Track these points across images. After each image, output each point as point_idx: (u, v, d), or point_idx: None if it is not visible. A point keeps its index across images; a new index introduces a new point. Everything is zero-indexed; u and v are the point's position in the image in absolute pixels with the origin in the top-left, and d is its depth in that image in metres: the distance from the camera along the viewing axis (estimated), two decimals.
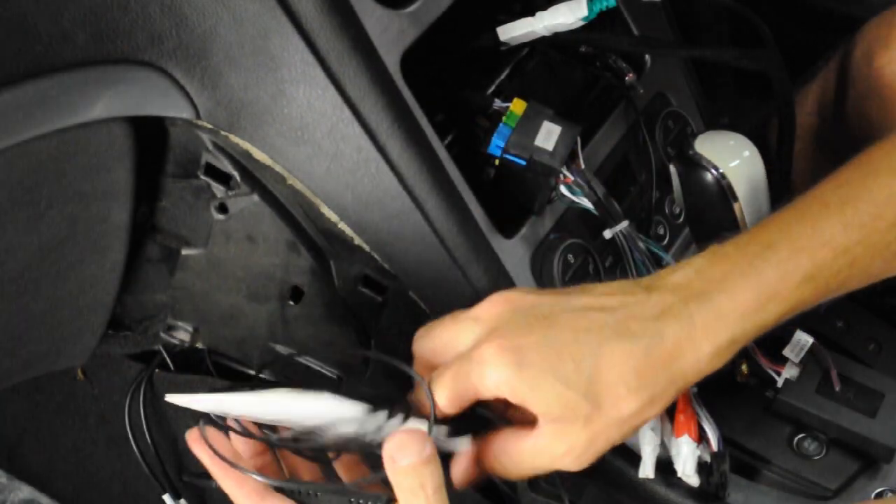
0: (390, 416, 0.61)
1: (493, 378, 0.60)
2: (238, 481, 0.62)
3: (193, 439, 0.63)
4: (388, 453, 0.57)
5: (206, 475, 0.64)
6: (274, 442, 0.63)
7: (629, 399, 0.60)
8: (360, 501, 0.61)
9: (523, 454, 0.62)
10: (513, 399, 0.60)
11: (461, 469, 0.65)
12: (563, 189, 0.78)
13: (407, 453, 0.57)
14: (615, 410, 0.60)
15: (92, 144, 0.74)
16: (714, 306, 0.62)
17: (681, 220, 0.93)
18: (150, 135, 0.78)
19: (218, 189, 0.82)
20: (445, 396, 0.62)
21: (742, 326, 0.62)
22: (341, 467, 0.66)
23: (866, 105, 0.93)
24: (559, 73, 0.89)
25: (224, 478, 0.62)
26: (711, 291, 0.62)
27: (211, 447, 0.62)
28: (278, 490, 0.62)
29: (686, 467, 0.78)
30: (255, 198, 0.80)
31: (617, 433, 0.61)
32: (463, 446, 0.64)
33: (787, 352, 0.84)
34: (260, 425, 0.64)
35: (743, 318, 0.62)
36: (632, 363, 0.60)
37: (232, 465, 0.61)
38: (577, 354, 0.60)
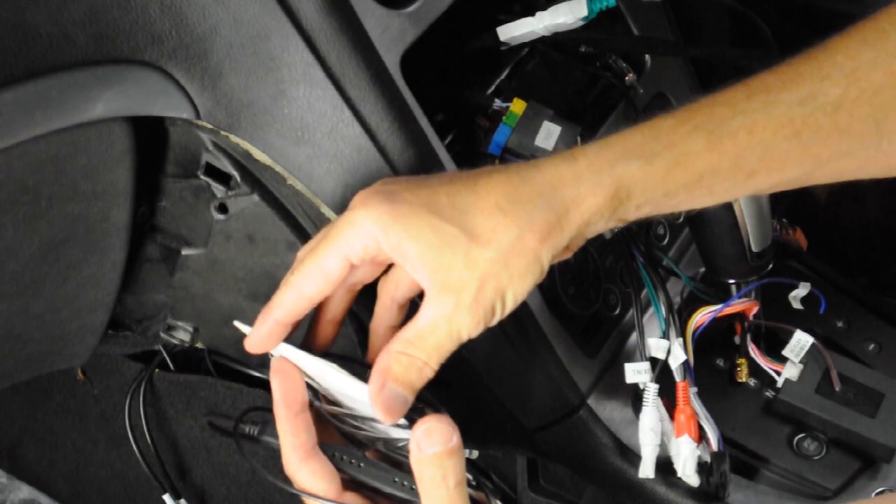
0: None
1: (364, 225, 0.58)
2: (295, 430, 0.61)
3: (278, 369, 0.63)
4: (415, 440, 0.57)
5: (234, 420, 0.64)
6: (348, 424, 0.64)
7: (506, 224, 0.57)
8: (404, 483, 0.61)
9: (421, 333, 0.59)
10: (388, 247, 0.58)
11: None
12: None
13: (433, 441, 0.56)
14: (494, 239, 0.57)
15: (92, 144, 0.73)
16: (597, 147, 0.59)
17: (681, 220, 0.93)
18: (150, 135, 0.78)
19: (218, 189, 0.81)
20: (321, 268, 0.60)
21: (628, 169, 0.58)
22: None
23: None
24: (559, 73, 0.89)
25: (284, 419, 0.61)
26: (598, 141, 0.60)
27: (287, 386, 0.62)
28: (329, 455, 0.62)
29: (686, 467, 0.78)
30: (255, 198, 0.80)
31: (504, 272, 0.57)
32: None
33: (787, 352, 0.84)
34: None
35: (626, 158, 0.58)
36: (507, 189, 0.58)
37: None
38: (451, 190, 0.58)
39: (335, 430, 0.65)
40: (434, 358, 0.59)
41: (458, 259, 0.57)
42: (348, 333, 0.90)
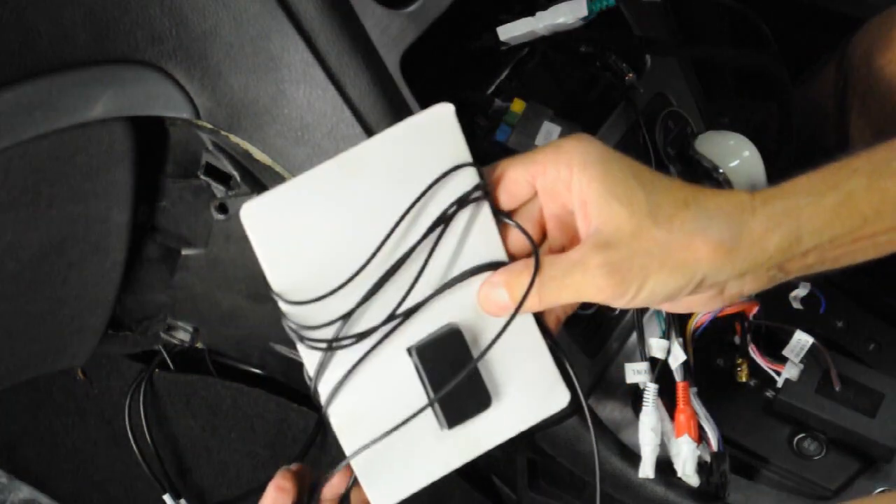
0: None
1: (569, 151, 0.57)
2: None
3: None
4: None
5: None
6: None
7: (685, 219, 0.56)
8: None
9: (554, 263, 0.57)
10: (578, 183, 0.56)
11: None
12: None
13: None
14: (669, 226, 0.55)
15: (92, 144, 0.74)
16: (767, 190, 0.59)
17: None
18: (150, 135, 0.78)
19: (218, 189, 0.81)
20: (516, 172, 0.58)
21: (799, 204, 0.57)
22: None
23: (866, 106, 0.94)
24: (559, 73, 0.89)
25: None
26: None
27: None
28: None
29: (686, 467, 0.78)
30: None
31: (659, 259, 0.55)
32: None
33: (787, 352, 0.84)
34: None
35: (796, 194, 0.58)
36: (697, 194, 0.57)
37: None
38: (653, 172, 0.58)
39: None
40: (549, 293, 0.57)
41: (630, 224, 0.55)
42: None
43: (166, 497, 1.17)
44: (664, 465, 0.80)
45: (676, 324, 0.80)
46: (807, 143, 1.01)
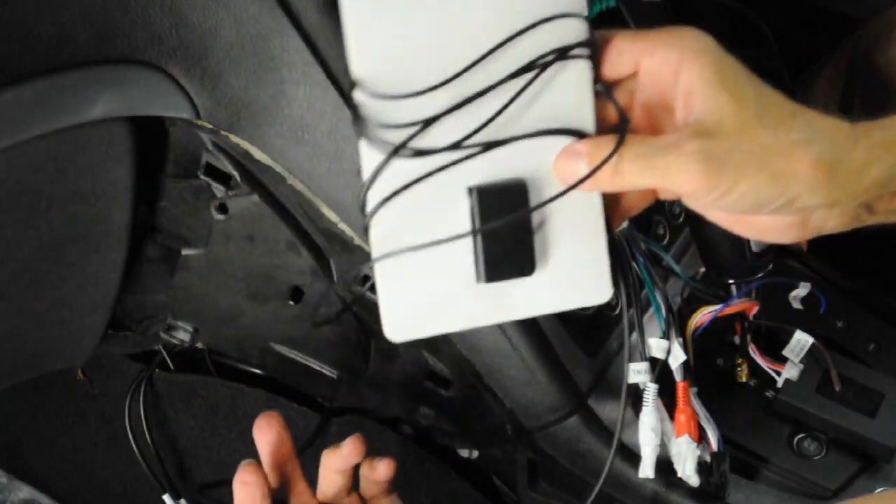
0: None
1: (686, 38, 0.54)
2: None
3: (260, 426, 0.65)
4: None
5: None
6: None
7: (793, 129, 0.53)
8: None
9: (644, 141, 0.54)
10: (690, 70, 0.53)
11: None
12: None
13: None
14: (775, 130, 0.52)
15: (92, 144, 0.73)
16: (868, 121, 0.56)
17: (681, 220, 0.93)
18: (150, 135, 0.78)
19: (218, 189, 0.82)
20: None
21: (892, 133, 0.56)
22: None
23: (866, 105, 0.93)
24: None
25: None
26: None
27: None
28: None
29: (686, 467, 0.78)
30: (255, 198, 0.80)
31: (757, 162, 0.52)
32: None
33: (787, 352, 0.84)
34: None
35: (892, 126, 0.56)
36: (810, 115, 0.54)
37: None
38: (772, 90, 0.55)
39: None
40: (632, 172, 0.53)
41: (737, 119, 0.52)
42: (347, 334, 0.90)
43: (166, 497, 1.17)
44: (664, 465, 0.80)
45: (676, 324, 0.80)
46: None
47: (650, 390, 0.79)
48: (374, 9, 0.52)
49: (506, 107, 0.53)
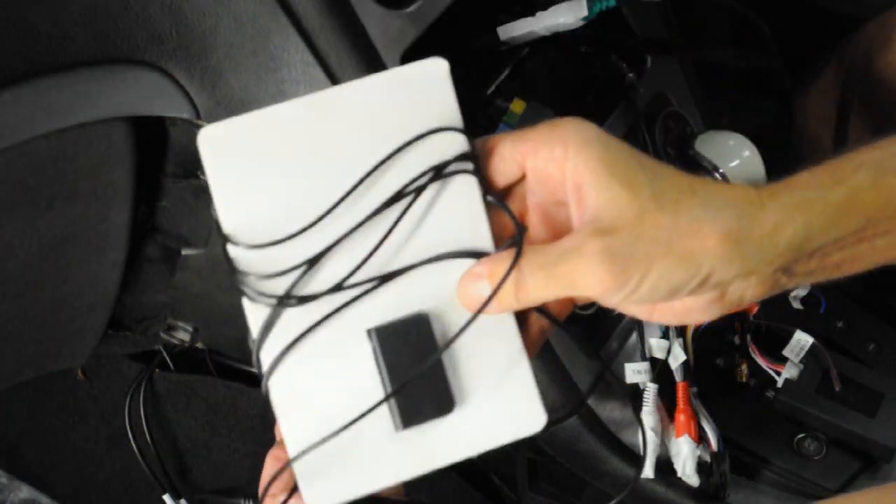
0: None
1: (567, 130, 0.51)
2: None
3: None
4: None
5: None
6: None
7: (691, 206, 0.51)
8: None
9: (545, 252, 0.51)
10: (572, 164, 0.51)
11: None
12: None
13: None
14: (675, 212, 0.50)
15: (92, 144, 0.74)
16: (773, 184, 0.54)
17: None
18: (150, 135, 0.78)
19: None
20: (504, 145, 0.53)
21: (802, 194, 0.54)
22: None
23: (865, 107, 0.94)
24: (559, 73, 0.89)
25: None
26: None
27: None
28: None
29: (686, 467, 0.78)
30: None
31: (664, 246, 0.50)
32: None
33: (787, 352, 0.84)
34: None
35: (804, 188, 0.54)
36: (702, 183, 0.52)
37: None
38: (654, 161, 0.53)
39: None
40: (536, 285, 0.51)
41: (632, 208, 0.50)
42: None
43: (166, 497, 1.17)
44: (664, 465, 0.80)
45: None
46: (807, 143, 1.01)
47: (650, 390, 0.79)
48: (235, 153, 0.49)
49: (386, 237, 0.50)
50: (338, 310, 0.50)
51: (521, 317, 0.54)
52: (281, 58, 0.68)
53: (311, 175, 0.50)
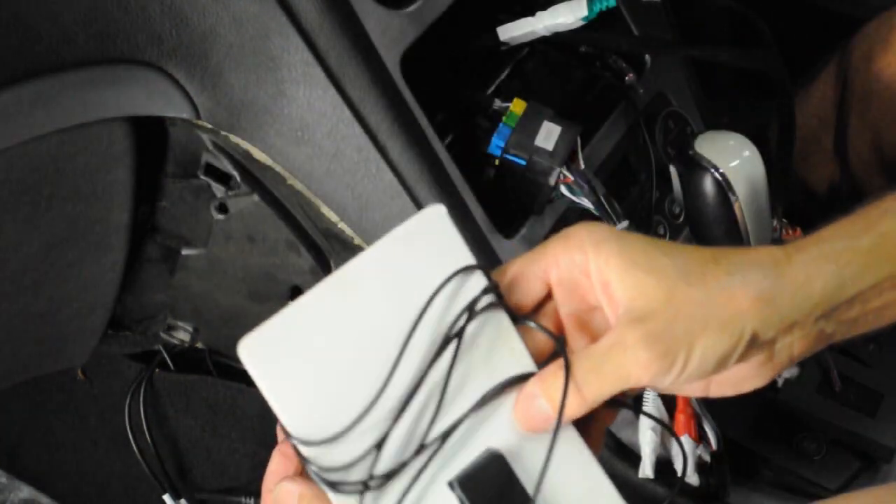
0: None
1: (577, 237, 0.53)
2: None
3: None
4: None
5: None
6: None
7: (718, 274, 0.52)
8: None
9: (591, 354, 0.52)
10: (595, 266, 0.52)
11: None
12: (563, 189, 0.78)
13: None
14: (704, 283, 0.51)
15: (92, 144, 0.74)
16: (800, 240, 0.55)
17: (681, 220, 0.93)
18: (150, 135, 0.78)
19: (218, 189, 0.82)
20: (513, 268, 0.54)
21: (831, 245, 0.55)
22: None
23: (865, 108, 0.94)
24: (559, 73, 0.89)
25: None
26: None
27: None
28: None
29: (686, 467, 0.78)
30: (255, 198, 0.80)
31: (702, 321, 0.51)
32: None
33: None
34: None
35: (832, 239, 0.55)
36: (721, 251, 0.54)
37: None
38: (665, 241, 0.54)
39: None
40: (591, 388, 0.52)
41: (661, 291, 0.51)
42: None
43: (166, 497, 1.17)
44: (664, 465, 0.80)
45: None
46: (807, 143, 1.01)
47: (650, 390, 0.79)
48: (278, 357, 0.51)
49: (445, 390, 0.51)
50: (417, 476, 0.51)
51: (581, 422, 0.54)
52: (281, 58, 0.68)
53: (353, 354, 0.51)
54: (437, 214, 0.54)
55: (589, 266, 0.53)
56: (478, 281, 0.53)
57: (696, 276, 0.52)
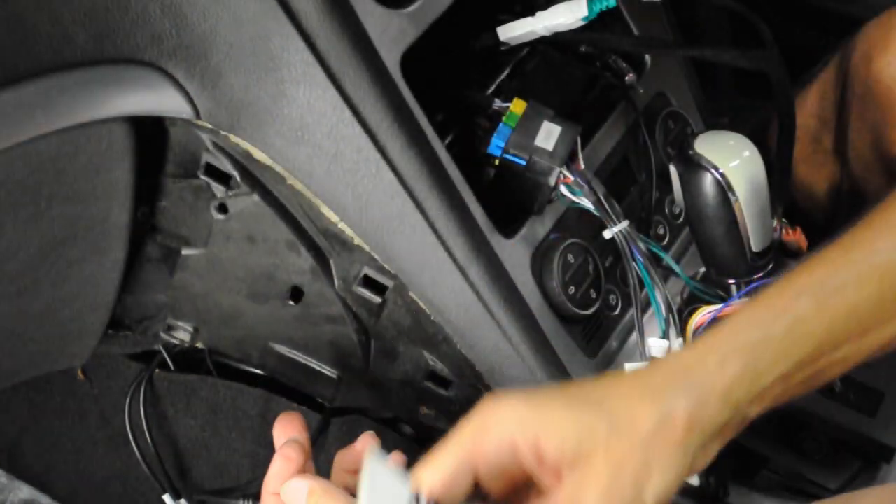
0: None
1: (497, 422, 0.54)
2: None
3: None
4: None
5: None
6: None
7: (646, 413, 0.53)
8: None
9: None
10: (522, 438, 0.53)
11: None
12: (563, 189, 0.78)
13: None
14: (634, 430, 0.53)
15: (92, 144, 0.73)
16: (711, 333, 0.58)
17: (681, 220, 0.93)
18: (150, 135, 0.78)
19: (218, 189, 0.82)
20: (442, 467, 0.55)
21: (746, 335, 0.57)
22: None
23: (865, 108, 0.94)
24: (559, 73, 0.89)
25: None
26: (708, 332, 0.59)
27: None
28: None
29: None
30: (255, 198, 0.80)
31: (644, 466, 0.53)
32: None
33: None
34: None
35: (745, 331, 0.57)
36: (640, 379, 0.56)
37: None
38: (582, 385, 0.57)
39: None
40: None
41: (599, 452, 0.52)
42: (347, 334, 0.90)
43: (166, 497, 1.17)
44: None
45: (676, 324, 0.80)
46: (807, 144, 1.01)
47: None
48: None
49: None
50: None
51: None
52: (281, 58, 0.68)
53: None
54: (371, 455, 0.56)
55: (518, 448, 0.53)
56: None
57: (625, 424, 0.53)
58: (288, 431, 0.68)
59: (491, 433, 0.54)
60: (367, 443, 0.70)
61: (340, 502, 0.58)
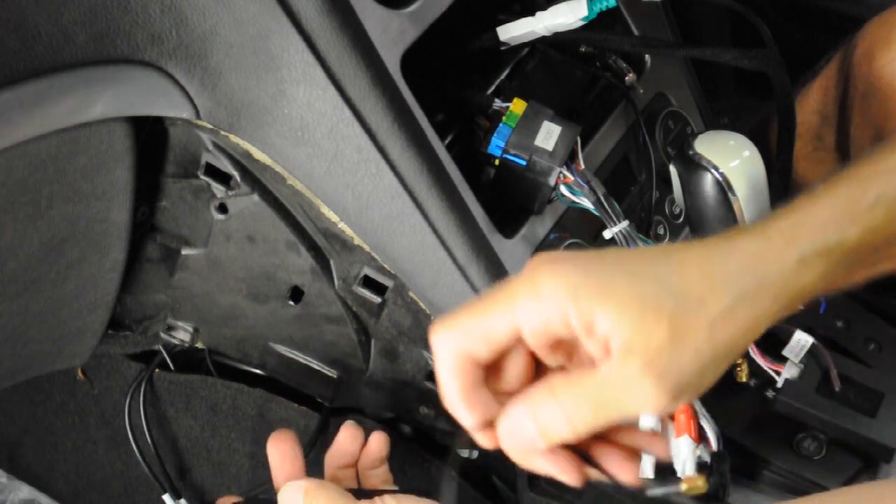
0: None
1: (549, 290, 0.49)
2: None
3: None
4: None
5: None
6: None
7: (717, 292, 0.50)
8: None
9: (585, 384, 0.50)
10: (577, 321, 0.49)
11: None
12: (563, 189, 0.78)
13: None
14: (704, 306, 0.49)
15: (92, 144, 0.73)
16: (788, 221, 0.54)
17: (681, 220, 0.93)
18: (150, 135, 0.78)
19: (218, 189, 0.82)
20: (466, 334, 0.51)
21: (823, 238, 0.54)
22: None
23: (866, 105, 0.94)
24: (559, 73, 0.89)
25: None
26: (780, 216, 0.56)
27: None
28: None
29: (686, 467, 0.78)
30: (255, 198, 0.80)
31: (710, 345, 0.49)
32: None
33: (787, 352, 0.84)
34: None
35: (823, 230, 0.54)
36: (711, 259, 0.51)
37: None
38: (644, 256, 0.52)
39: None
40: (583, 417, 0.50)
41: (663, 324, 0.49)
42: (347, 334, 0.90)
43: (166, 497, 1.17)
44: (664, 466, 0.80)
45: None
46: (808, 142, 1.01)
47: None
48: None
49: None
50: None
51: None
52: (281, 58, 0.68)
53: None
54: None
55: (569, 318, 0.50)
56: None
57: (695, 300, 0.50)
58: (281, 449, 0.69)
59: (543, 300, 0.50)
60: (379, 442, 0.69)
61: (332, 493, 0.59)
